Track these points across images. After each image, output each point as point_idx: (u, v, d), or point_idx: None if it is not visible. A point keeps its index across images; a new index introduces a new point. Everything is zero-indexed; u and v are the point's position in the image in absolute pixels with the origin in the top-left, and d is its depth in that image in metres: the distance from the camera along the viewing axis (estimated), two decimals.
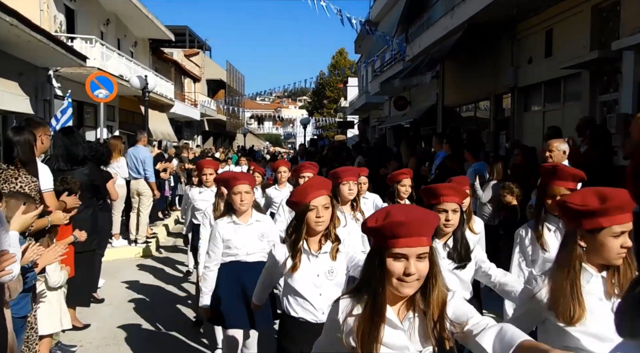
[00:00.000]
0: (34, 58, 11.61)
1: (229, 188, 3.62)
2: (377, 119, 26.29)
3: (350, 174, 4.25)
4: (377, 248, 1.72)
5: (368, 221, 1.74)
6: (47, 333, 3.88)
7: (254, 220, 3.72)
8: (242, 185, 3.58)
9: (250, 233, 3.68)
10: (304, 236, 2.71)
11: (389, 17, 21.93)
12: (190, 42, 37.75)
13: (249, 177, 3.74)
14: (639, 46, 7.22)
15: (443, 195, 2.94)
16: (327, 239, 2.76)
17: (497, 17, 10.46)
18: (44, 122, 4.55)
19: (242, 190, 3.58)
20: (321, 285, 2.71)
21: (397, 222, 1.63)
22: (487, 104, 13.48)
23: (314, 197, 2.68)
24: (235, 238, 3.64)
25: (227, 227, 3.65)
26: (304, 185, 2.86)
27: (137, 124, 18.79)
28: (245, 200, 3.58)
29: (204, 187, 5.63)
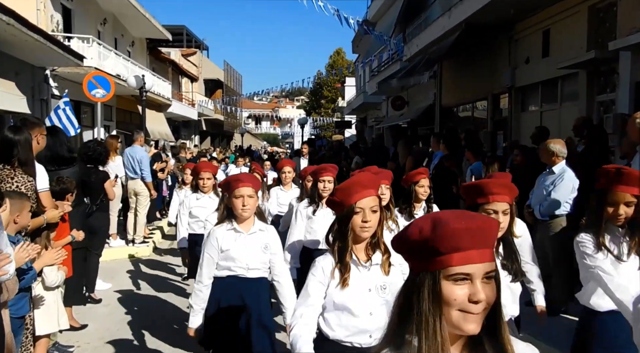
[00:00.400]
0: (30, 57, 11.58)
1: (230, 191, 3.19)
2: (375, 118, 26.31)
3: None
4: (425, 271, 1.19)
5: (409, 234, 1.22)
6: (44, 333, 3.87)
7: (257, 229, 3.28)
8: (245, 188, 3.14)
9: (252, 243, 3.24)
10: (351, 244, 2.32)
11: (386, 17, 21.95)
12: (187, 41, 37.74)
13: (253, 179, 3.27)
14: (636, 46, 7.24)
15: (493, 193, 2.53)
16: (376, 248, 2.37)
17: (495, 17, 10.47)
18: (40, 122, 4.54)
19: (244, 194, 3.13)
20: (372, 303, 2.32)
21: (456, 230, 1.15)
22: (484, 104, 13.50)
23: (360, 197, 2.28)
24: (234, 249, 3.20)
25: (227, 235, 3.21)
26: (349, 182, 2.39)
27: (134, 124, 18.77)
28: (248, 205, 3.14)
29: (200, 192, 5.19)
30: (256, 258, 3.24)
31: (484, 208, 2.52)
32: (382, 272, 2.35)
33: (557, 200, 5.18)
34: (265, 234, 3.31)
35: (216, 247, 3.21)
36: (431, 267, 1.18)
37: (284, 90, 35.45)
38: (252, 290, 3.26)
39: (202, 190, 5.15)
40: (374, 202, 2.30)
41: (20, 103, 11.05)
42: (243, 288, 3.24)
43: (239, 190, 3.14)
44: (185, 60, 34.14)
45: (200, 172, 5.18)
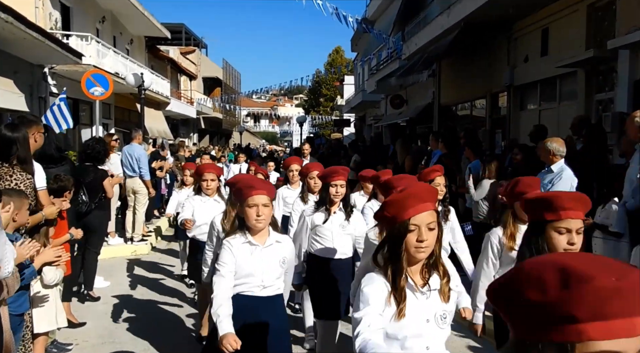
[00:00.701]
0: (29, 55, 11.56)
1: (242, 199, 2.85)
2: (374, 117, 26.31)
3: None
4: (544, 340, 0.84)
5: (524, 290, 0.84)
6: (43, 331, 3.87)
7: (273, 241, 2.95)
8: (259, 196, 2.81)
9: (269, 257, 2.91)
10: (405, 266, 1.97)
11: (385, 16, 21.94)
12: (186, 39, 37.68)
13: (268, 187, 2.94)
14: (635, 45, 7.25)
15: (566, 209, 2.19)
16: (433, 271, 2.05)
17: (494, 15, 10.47)
18: (37, 120, 4.53)
19: (258, 203, 2.80)
20: (430, 335, 2.01)
21: (603, 290, 0.79)
22: (483, 103, 13.51)
23: (415, 212, 1.94)
24: (250, 264, 2.85)
25: (242, 248, 2.86)
26: (403, 194, 2.00)
27: (133, 122, 18.75)
28: (263, 216, 2.81)
29: (204, 195, 4.79)
30: (273, 274, 2.93)
31: (554, 226, 2.22)
32: (442, 298, 2.03)
33: None
34: (282, 246, 3.00)
35: (232, 259, 2.83)
36: (557, 337, 0.82)
37: (282, 88, 35.42)
38: (268, 311, 2.92)
39: (206, 192, 4.76)
40: (431, 217, 1.96)
41: (18, 101, 11.04)
42: (258, 308, 2.89)
43: (253, 199, 2.80)
44: (184, 58, 34.10)
45: (204, 173, 4.81)
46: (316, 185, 4.70)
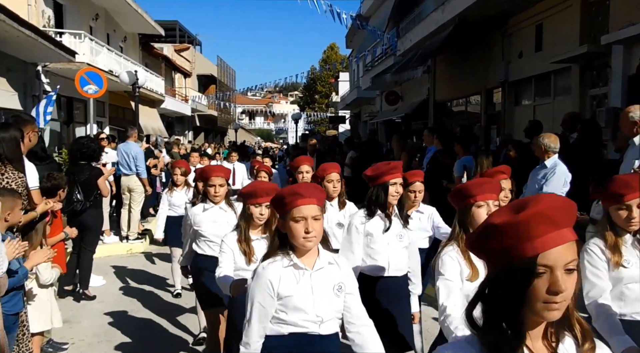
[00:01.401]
0: (22, 53, 11.50)
1: (285, 211, 2.22)
2: (369, 113, 26.31)
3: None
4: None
5: None
6: (37, 331, 3.85)
7: (325, 263, 2.30)
8: (309, 207, 2.19)
9: (321, 284, 2.27)
10: (526, 329, 1.23)
11: (380, 12, 21.92)
12: (180, 37, 37.53)
13: (319, 193, 2.30)
14: (628, 40, 7.27)
15: None
16: (564, 334, 1.29)
17: (488, 11, 10.48)
18: (31, 119, 4.51)
19: (308, 215, 2.17)
20: None
21: None
22: (478, 99, 13.53)
23: (548, 245, 1.17)
24: (299, 294, 2.22)
25: (284, 274, 2.22)
26: (528, 214, 1.17)
27: (127, 120, 18.67)
28: (314, 232, 2.18)
29: (209, 202, 4.02)
30: (329, 305, 2.28)
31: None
32: None
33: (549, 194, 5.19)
34: (336, 269, 2.33)
35: (271, 293, 2.21)
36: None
37: (277, 85, 35.31)
38: None
39: (213, 200, 4.00)
40: (570, 254, 1.19)
41: (11, 99, 10.99)
42: (317, 350, 2.28)
43: (300, 210, 2.18)
44: (178, 56, 33.98)
45: (211, 177, 3.97)
46: (335, 189, 4.16)
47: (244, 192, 3.18)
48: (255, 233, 3.20)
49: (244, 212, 3.18)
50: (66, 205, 5.81)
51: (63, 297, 6.15)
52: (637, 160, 4.52)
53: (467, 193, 2.59)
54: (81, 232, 5.66)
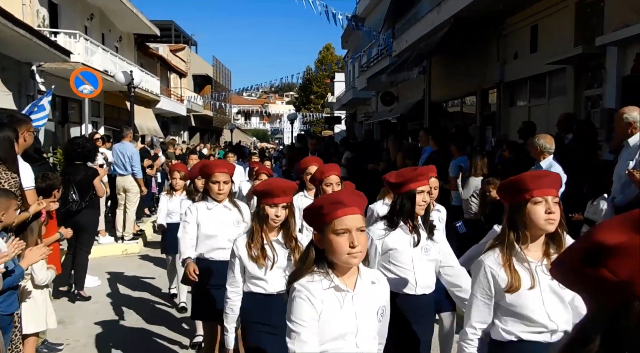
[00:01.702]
0: (16, 53, 11.44)
1: (324, 223, 1.90)
2: (364, 114, 26.34)
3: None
4: None
5: None
6: (32, 332, 3.84)
7: (368, 282, 1.99)
8: (353, 218, 1.89)
9: (365, 308, 1.97)
10: None
11: (375, 13, 21.95)
12: (176, 37, 37.43)
13: (361, 201, 1.99)
14: (623, 42, 7.31)
15: None
16: None
17: (483, 12, 10.51)
18: (26, 119, 4.49)
19: (352, 227, 1.87)
20: None
21: None
22: (473, 99, 13.56)
23: None
24: (341, 321, 1.92)
25: (326, 297, 1.89)
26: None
27: (122, 120, 18.61)
28: (359, 247, 1.86)
29: (211, 200, 3.72)
30: (371, 333, 2.00)
31: None
32: None
33: None
34: (379, 289, 2.04)
35: (316, 317, 1.89)
36: None
37: (273, 85, 35.31)
38: None
39: (217, 198, 3.69)
40: None
41: (6, 99, 10.94)
42: None
43: (343, 221, 1.87)
44: (174, 56, 33.91)
45: (214, 173, 3.66)
46: None
47: (259, 190, 2.91)
48: (271, 235, 2.92)
49: (257, 212, 2.88)
50: (61, 206, 5.79)
51: (58, 297, 6.13)
52: (632, 161, 4.55)
53: (521, 187, 2.19)
54: (76, 233, 5.65)
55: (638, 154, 4.56)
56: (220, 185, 3.66)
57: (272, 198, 2.82)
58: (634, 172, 4.29)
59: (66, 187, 5.91)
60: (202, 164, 3.99)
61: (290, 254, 2.88)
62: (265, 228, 2.87)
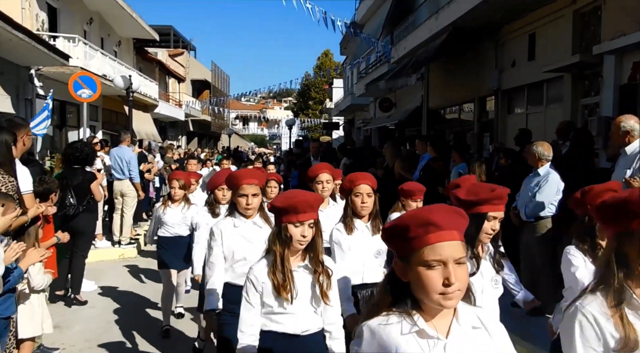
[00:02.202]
0: (15, 57, 11.45)
1: (408, 247, 1.47)
2: (362, 120, 26.39)
3: None
4: None
5: None
6: (28, 336, 3.82)
7: (468, 327, 1.52)
8: (451, 245, 1.44)
9: None
10: None
11: (374, 19, 22.04)
12: (174, 42, 37.53)
13: (461, 218, 1.53)
14: (620, 50, 7.35)
15: None
16: None
17: (481, 20, 10.57)
18: (25, 123, 4.48)
19: (448, 257, 1.43)
20: None
21: None
22: (471, 106, 13.61)
23: None
24: None
25: (403, 343, 1.45)
26: None
27: (120, 124, 18.62)
28: (459, 283, 1.42)
29: (239, 216, 3.15)
30: None
31: None
32: None
33: (542, 201, 5.24)
34: (484, 335, 1.53)
35: None
36: None
37: (271, 91, 35.39)
38: None
39: (245, 213, 3.14)
40: None
41: (4, 103, 10.93)
42: None
43: (436, 250, 1.44)
44: (173, 61, 33.96)
45: (242, 184, 3.04)
46: (364, 205, 3.28)
47: (279, 205, 2.38)
48: (294, 261, 2.43)
49: (279, 232, 2.39)
50: (59, 210, 5.78)
51: (54, 302, 6.11)
52: (629, 170, 4.57)
53: (634, 210, 1.56)
54: (73, 237, 5.63)
55: (635, 162, 4.58)
56: (249, 198, 3.08)
57: (296, 215, 2.34)
58: (631, 181, 4.31)
59: (64, 191, 5.91)
60: (229, 174, 3.38)
61: (315, 282, 2.42)
62: (288, 252, 2.39)
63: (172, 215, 5.26)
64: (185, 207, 5.29)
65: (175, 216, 5.26)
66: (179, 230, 5.31)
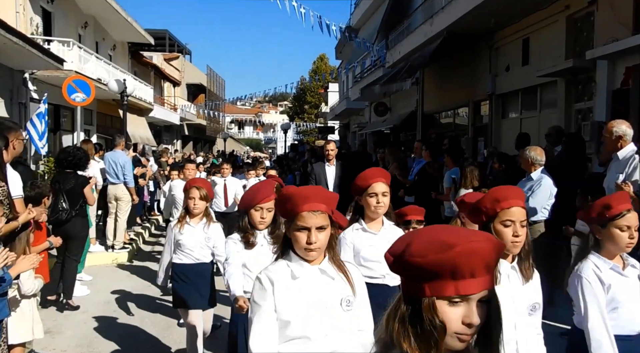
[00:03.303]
0: (9, 60, 11.40)
1: None
2: (358, 124, 26.42)
3: None
4: None
5: None
6: (18, 342, 3.79)
7: None
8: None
9: None
10: None
11: (369, 24, 22.10)
12: (170, 46, 37.51)
13: None
14: (613, 55, 7.39)
15: None
16: None
17: (476, 25, 10.62)
18: (16, 127, 4.46)
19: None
20: None
21: None
22: (465, 111, 13.65)
23: None
24: None
25: None
26: None
27: (115, 128, 18.56)
28: None
29: None
30: None
31: None
32: None
33: (535, 206, 5.25)
34: None
35: None
36: None
37: (267, 95, 35.39)
38: None
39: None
40: None
41: None
42: None
43: None
44: (168, 65, 33.92)
45: (301, 212, 2.04)
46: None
47: None
48: None
49: None
50: (51, 214, 5.75)
51: (46, 307, 6.07)
52: (621, 174, 4.59)
53: None
54: (66, 241, 5.60)
55: (627, 166, 4.60)
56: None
57: None
58: (623, 186, 4.32)
59: (56, 195, 5.88)
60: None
61: None
62: None
63: (192, 236, 4.15)
64: (206, 224, 4.19)
65: (196, 236, 4.15)
66: (201, 254, 4.20)
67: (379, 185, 3.04)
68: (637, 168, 4.52)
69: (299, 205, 2.02)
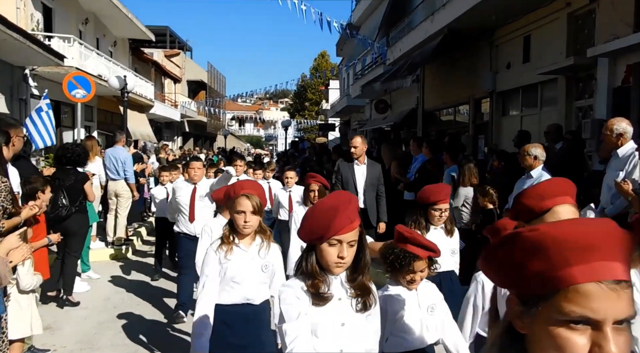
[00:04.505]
0: (9, 57, 11.41)
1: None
2: (358, 121, 26.41)
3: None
4: None
5: None
6: (17, 338, 3.80)
7: None
8: None
9: None
10: None
11: (370, 21, 22.06)
12: (171, 42, 37.52)
13: None
14: (614, 53, 7.37)
15: None
16: None
17: (477, 22, 10.60)
18: (16, 123, 4.47)
19: None
20: None
21: None
22: (466, 108, 13.63)
23: None
24: None
25: None
26: None
27: (116, 125, 18.57)
28: None
29: None
30: None
31: None
32: None
33: None
34: None
35: None
36: None
37: (268, 92, 35.39)
38: None
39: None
40: None
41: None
42: None
43: None
44: (169, 61, 33.92)
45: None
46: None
47: None
48: None
49: None
50: (51, 210, 5.75)
51: (46, 303, 6.08)
52: (622, 172, 4.59)
53: None
54: (66, 238, 5.61)
55: (627, 164, 4.59)
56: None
57: None
58: (621, 183, 4.32)
59: (56, 192, 5.88)
60: None
61: None
62: None
63: (244, 263, 2.86)
64: (265, 246, 2.92)
65: (251, 265, 2.88)
66: (254, 290, 2.91)
67: None
68: (637, 166, 4.52)
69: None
